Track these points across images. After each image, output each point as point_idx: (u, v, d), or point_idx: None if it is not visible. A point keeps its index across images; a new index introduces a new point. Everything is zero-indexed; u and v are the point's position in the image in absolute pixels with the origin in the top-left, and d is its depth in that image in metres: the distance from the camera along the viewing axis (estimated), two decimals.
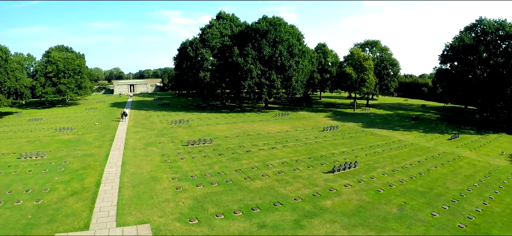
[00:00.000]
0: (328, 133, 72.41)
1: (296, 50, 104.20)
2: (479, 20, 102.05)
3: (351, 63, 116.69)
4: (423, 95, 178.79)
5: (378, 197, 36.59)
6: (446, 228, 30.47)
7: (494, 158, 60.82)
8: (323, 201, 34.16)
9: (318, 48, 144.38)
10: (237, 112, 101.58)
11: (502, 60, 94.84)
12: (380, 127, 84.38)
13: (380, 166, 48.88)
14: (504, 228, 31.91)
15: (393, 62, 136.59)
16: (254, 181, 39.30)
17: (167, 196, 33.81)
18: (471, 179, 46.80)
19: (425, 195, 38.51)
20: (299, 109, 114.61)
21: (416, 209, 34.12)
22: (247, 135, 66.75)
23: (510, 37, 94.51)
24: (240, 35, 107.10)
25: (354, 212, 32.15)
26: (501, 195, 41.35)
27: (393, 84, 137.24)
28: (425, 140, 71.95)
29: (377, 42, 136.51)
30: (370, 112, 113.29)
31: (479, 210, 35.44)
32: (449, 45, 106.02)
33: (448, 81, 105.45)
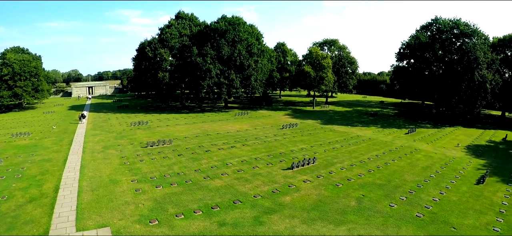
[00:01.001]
0: (287, 130, 73.17)
1: (255, 49, 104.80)
2: (435, 19, 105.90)
3: (310, 61, 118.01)
4: (381, 92, 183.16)
5: (337, 191, 37.36)
6: (404, 218, 31.53)
7: (450, 150, 63.17)
8: (283, 197, 34.64)
9: (277, 47, 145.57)
10: (197, 112, 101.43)
11: (457, 57, 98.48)
12: (339, 123, 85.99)
13: (338, 161, 49.92)
14: (460, 215, 33.36)
15: (351, 60, 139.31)
16: (213, 180, 39.45)
17: (126, 198, 33.53)
18: (428, 170, 48.53)
19: (383, 188, 39.58)
20: (259, 108, 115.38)
21: (375, 201, 35.12)
22: (207, 135, 66.74)
23: (464, 35, 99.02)
24: (199, 35, 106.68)
25: (313, 207, 32.75)
26: (457, 184, 43.10)
27: (352, 81, 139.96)
28: (383, 135, 73.85)
29: (335, 41, 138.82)
30: (329, 109, 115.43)
31: (436, 200, 36.84)
32: (405, 43, 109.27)
33: (405, 78, 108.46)
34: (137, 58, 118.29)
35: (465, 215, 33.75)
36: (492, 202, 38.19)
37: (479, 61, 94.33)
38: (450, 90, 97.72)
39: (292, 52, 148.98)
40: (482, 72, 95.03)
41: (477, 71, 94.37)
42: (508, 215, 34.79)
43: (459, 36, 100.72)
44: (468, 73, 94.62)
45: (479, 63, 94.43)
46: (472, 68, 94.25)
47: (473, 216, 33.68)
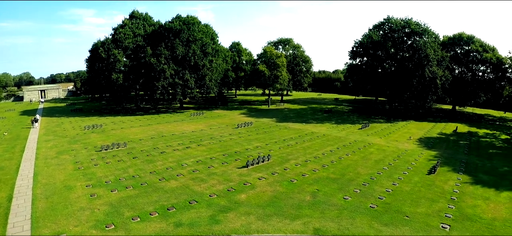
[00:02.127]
0: (242, 129, 73.67)
1: (210, 49, 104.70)
2: (387, 19, 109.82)
3: (264, 61, 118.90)
4: (336, 89, 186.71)
5: (292, 187, 38.06)
6: (358, 210, 32.53)
7: (403, 143, 65.48)
8: (238, 195, 34.99)
9: (232, 46, 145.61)
10: (152, 114, 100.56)
11: (408, 55, 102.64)
12: (293, 121, 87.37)
13: (293, 157, 50.80)
14: (413, 204, 34.73)
15: (306, 59, 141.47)
16: (169, 181, 39.33)
17: (82, 204, 32.93)
18: (381, 163, 50.13)
19: (337, 181, 40.56)
20: (214, 107, 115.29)
21: (329, 195, 35.95)
22: (162, 136, 66.29)
23: (415, 34, 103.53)
24: (154, 35, 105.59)
25: (269, 203, 33.22)
26: (409, 175, 44.80)
27: (306, 79, 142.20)
28: (337, 130, 75.49)
29: (290, 40, 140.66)
30: (285, 108, 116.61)
31: (389, 191, 38.17)
32: (358, 42, 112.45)
33: (359, 75, 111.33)
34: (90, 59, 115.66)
35: (418, 204, 35.13)
36: (443, 191, 39.91)
37: (430, 59, 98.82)
38: (402, 86, 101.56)
39: (247, 52, 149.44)
40: (432, 68, 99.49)
41: (427, 67, 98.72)
42: (459, 202, 36.57)
43: (411, 34, 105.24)
44: (419, 70, 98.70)
45: (430, 60, 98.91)
46: (423, 65, 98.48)
47: (426, 204, 35.10)
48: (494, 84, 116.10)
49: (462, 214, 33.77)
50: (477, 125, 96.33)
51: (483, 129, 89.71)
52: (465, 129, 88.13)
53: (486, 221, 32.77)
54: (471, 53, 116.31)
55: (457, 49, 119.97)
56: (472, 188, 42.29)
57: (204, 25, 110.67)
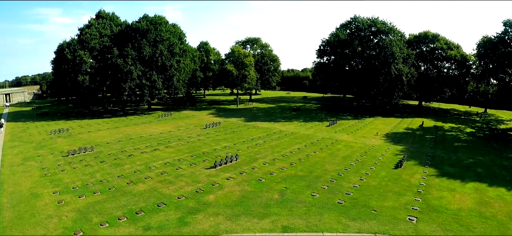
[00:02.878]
0: (210, 130, 73.46)
1: (177, 49, 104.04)
2: (354, 18, 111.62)
3: (232, 60, 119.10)
4: (305, 87, 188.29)
5: (260, 186, 38.29)
6: (326, 206, 33.00)
7: (370, 139, 66.74)
8: (206, 196, 34.98)
9: (200, 46, 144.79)
10: (120, 116, 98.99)
11: (375, 53, 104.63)
12: (262, 120, 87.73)
13: (261, 156, 51.15)
14: (380, 198, 35.54)
15: (274, 58, 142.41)
16: (137, 185, 39.00)
17: (49, 212, 32.32)
18: (348, 159, 50.96)
19: (305, 179, 41.01)
20: (182, 108, 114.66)
21: (297, 192, 36.35)
22: (130, 139, 65.59)
23: (381, 33, 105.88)
24: (120, 35, 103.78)
25: (237, 203, 33.42)
26: (376, 170, 45.73)
27: (275, 78, 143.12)
28: (305, 128, 76.29)
29: (258, 39, 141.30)
30: (253, 107, 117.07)
31: (356, 186, 38.90)
32: (325, 41, 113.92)
33: (326, 73, 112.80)
34: (56, 61, 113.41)
35: (385, 198, 35.92)
36: (410, 184, 40.92)
37: (396, 56, 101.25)
38: (369, 83, 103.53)
39: (215, 51, 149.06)
40: (398, 66, 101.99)
41: (393, 65, 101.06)
42: (425, 194, 37.59)
43: (377, 33, 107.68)
44: (385, 67, 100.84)
45: (396, 58, 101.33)
46: (389, 62, 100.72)
47: (393, 198, 35.94)
48: (458, 80, 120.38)
49: (429, 206, 34.72)
50: (443, 119, 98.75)
51: (449, 123, 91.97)
52: (431, 123, 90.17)
53: (452, 212, 33.82)
54: (436, 50, 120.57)
55: (423, 47, 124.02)
56: (438, 180, 43.51)
57: (171, 25, 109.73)
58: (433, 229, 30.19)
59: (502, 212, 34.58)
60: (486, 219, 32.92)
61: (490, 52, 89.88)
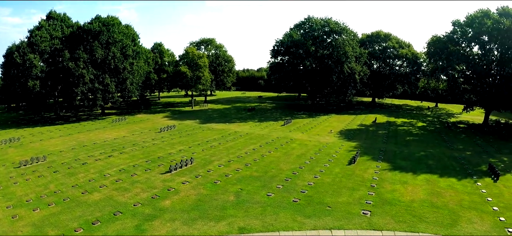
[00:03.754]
0: (165, 133, 72.84)
1: (130, 51, 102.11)
2: (308, 18, 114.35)
3: (186, 61, 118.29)
4: (260, 87, 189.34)
5: (216, 188, 38.53)
6: (281, 205, 33.64)
7: (324, 137, 68.08)
8: (162, 202, 34.88)
9: (154, 47, 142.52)
10: (72, 122, 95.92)
11: (328, 52, 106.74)
12: (217, 121, 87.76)
13: (216, 159, 51.33)
14: (334, 194, 36.52)
15: (228, 59, 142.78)
16: (92, 194, 38.19)
17: (3, 227, 31.25)
18: (303, 157, 51.99)
19: (260, 179, 41.54)
20: (137, 112, 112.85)
21: (252, 193, 36.84)
22: (83, 146, 63.83)
23: (334, 33, 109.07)
24: (72, 37, 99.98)
25: (193, 207, 33.45)
26: (330, 167, 46.86)
27: (229, 79, 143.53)
28: (260, 128, 76.97)
29: (212, 40, 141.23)
30: (208, 108, 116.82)
31: (311, 184, 39.73)
32: (279, 41, 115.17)
33: (281, 73, 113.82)
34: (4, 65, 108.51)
35: (339, 194, 36.91)
36: (363, 179, 42.23)
37: (348, 55, 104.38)
38: (322, 82, 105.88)
39: (170, 52, 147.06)
40: (351, 64, 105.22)
41: (346, 64, 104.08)
42: (378, 188, 38.93)
43: (330, 33, 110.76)
44: (338, 66, 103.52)
45: (348, 57, 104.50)
46: (342, 61, 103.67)
47: (347, 194, 37.01)
48: (410, 77, 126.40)
49: (382, 199, 35.94)
50: (395, 115, 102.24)
51: (401, 118, 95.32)
52: (384, 119, 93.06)
53: (405, 204, 35.19)
54: (388, 49, 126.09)
55: (376, 46, 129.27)
56: (391, 174, 45.08)
57: (124, 26, 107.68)
58: (386, 221, 31.30)
59: (453, 201, 36.42)
60: (438, 208, 34.49)
61: (439, 51, 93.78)
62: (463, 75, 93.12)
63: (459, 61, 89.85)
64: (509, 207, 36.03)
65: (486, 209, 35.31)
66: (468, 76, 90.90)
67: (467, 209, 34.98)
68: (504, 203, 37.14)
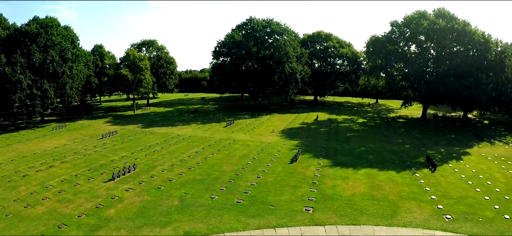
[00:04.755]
0: (107, 140, 71.25)
1: (69, 54, 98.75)
2: (249, 19, 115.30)
3: (127, 64, 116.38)
4: (203, 88, 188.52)
5: (160, 194, 38.60)
6: (225, 207, 34.30)
7: (266, 136, 69.34)
8: (107, 211, 34.55)
9: (94, 50, 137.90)
10: (11, 132, 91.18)
11: (269, 53, 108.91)
12: (159, 125, 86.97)
13: (159, 163, 51.17)
14: (277, 193, 37.57)
15: (170, 60, 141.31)
16: (35, 207, 37.00)
17: None
18: (246, 158, 52.85)
19: (204, 182, 42.00)
20: (78, 118, 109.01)
21: (196, 197, 37.20)
22: (23, 157, 61.28)
23: (275, 33, 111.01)
24: (8, 40, 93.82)
25: (138, 214, 33.42)
26: (272, 166, 48.02)
27: (172, 81, 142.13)
28: (202, 131, 77.06)
29: (154, 41, 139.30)
30: (151, 112, 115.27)
31: (254, 184, 40.63)
32: (221, 42, 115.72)
33: (223, 74, 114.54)
34: None
35: (282, 192, 37.96)
36: (305, 177, 43.55)
37: (289, 56, 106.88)
38: (264, 82, 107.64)
39: (110, 55, 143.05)
40: (292, 64, 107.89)
41: (287, 64, 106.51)
42: (320, 185, 40.26)
43: (271, 34, 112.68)
44: (280, 66, 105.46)
45: (289, 57, 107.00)
46: (283, 62, 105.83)
47: (289, 192, 38.11)
48: (351, 75, 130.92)
49: (324, 195, 37.27)
50: (337, 112, 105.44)
51: (342, 115, 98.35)
52: (325, 117, 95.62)
53: (346, 198, 36.69)
54: (329, 49, 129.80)
55: (317, 46, 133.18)
56: (332, 170, 46.73)
57: (63, 28, 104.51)
58: (328, 216, 32.61)
59: (392, 193, 38.43)
60: (378, 201, 36.25)
61: (378, 50, 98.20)
62: (401, 72, 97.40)
63: (397, 60, 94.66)
64: (446, 195, 38.51)
65: (424, 198, 37.55)
66: (406, 73, 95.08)
67: (406, 199, 36.99)
68: (441, 191, 39.67)
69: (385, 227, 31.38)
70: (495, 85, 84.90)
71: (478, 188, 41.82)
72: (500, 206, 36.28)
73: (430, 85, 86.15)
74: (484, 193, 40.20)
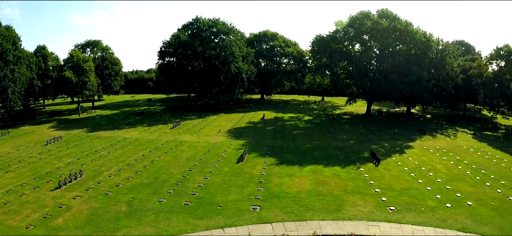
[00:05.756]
0: (52, 146, 68.74)
1: (11, 56, 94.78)
2: (196, 19, 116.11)
3: (71, 66, 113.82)
4: (150, 89, 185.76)
5: (107, 200, 38.11)
6: (173, 210, 34.55)
7: (213, 137, 69.65)
8: (55, 221, 33.87)
9: (37, 51, 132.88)
10: None
11: (215, 53, 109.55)
12: (105, 128, 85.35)
13: (106, 169, 50.31)
14: (224, 193, 38.28)
15: (115, 61, 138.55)
16: None
17: None
18: (192, 160, 53.05)
19: (151, 186, 42.04)
20: (21, 124, 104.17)
21: (144, 201, 37.15)
22: None
23: (221, 33, 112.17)
24: None
25: (87, 222, 33.01)
26: (219, 167, 48.65)
27: (117, 83, 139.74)
28: (149, 133, 76.32)
29: (98, 42, 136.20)
30: (96, 115, 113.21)
31: (201, 185, 41.08)
32: (167, 42, 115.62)
33: (169, 74, 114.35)
34: None
35: (229, 192, 38.67)
36: (252, 175, 44.50)
37: (235, 55, 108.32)
38: (211, 82, 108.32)
39: (54, 56, 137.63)
40: (238, 64, 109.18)
41: (233, 63, 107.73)
42: (266, 183, 41.31)
43: (218, 34, 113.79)
44: (225, 66, 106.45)
45: (235, 56, 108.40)
46: (229, 61, 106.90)
47: (236, 191, 38.86)
48: (296, 74, 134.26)
49: (270, 193, 38.26)
50: (283, 110, 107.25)
51: (289, 113, 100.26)
52: (272, 115, 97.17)
53: (292, 195, 37.80)
54: (275, 48, 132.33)
55: (263, 45, 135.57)
56: (278, 168, 47.89)
57: (4, 28, 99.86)
58: (275, 214, 33.61)
59: (338, 188, 39.90)
60: (324, 196, 37.53)
61: (323, 49, 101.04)
62: (346, 70, 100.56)
63: (342, 58, 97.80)
64: (390, 188, 40.43)
65: (368, 192, 39.33)
66: (350, 71, 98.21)
67: (351, 193, 38.59)
68: (385, 184, 41.64)
69: (331, 222, 32.67)
70: (436, 81, 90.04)
71: (421, 180, 44.25)
72: (441, 196, 38.66)
73: (374, 82, 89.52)
74: (426, 184, 42.65)
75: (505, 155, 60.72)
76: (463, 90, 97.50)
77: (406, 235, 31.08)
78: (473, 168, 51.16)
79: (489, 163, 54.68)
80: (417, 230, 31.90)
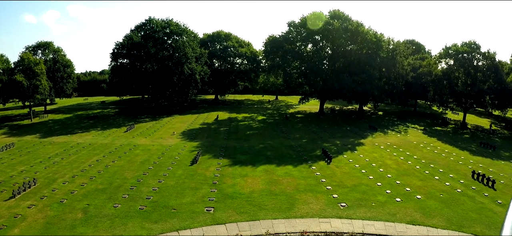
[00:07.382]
0: (4, 153, 66.30)
1: None
2: (149, 19, 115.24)
3: (22, 69, 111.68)
4: (103, 91, 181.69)
5: (63, 207, 37.76)
6: (128, 215, 34.82)
7: (167, 139, 69.83)
8: (10, 231, 33.23)
9: None
10: None
11: (168, 54, 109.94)
12: (58, 133, 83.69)
13: (60, 176, 49.51)
14: (179, 196, 38.82)
15: (67, 63, 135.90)
16: None
17: None
18: (146, 163, 53.22)
19: (106, 191, 41.96)
20: None
21: (99, 207, 37.14)
22: None
23: (174, 34, 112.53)
24: None
25: (42, 231, 32.71)
26: (173, 170, 49.12)
27: (69, 85, 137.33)
28: (103, 137, 75.64)
29: (50, 43, 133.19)
30: (49, 119, 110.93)
31: (156, 189, 41.47)
32: (119, 43, 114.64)
33: (122, 76, 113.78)
34: None
35: (183, 195, 39.20)
36: (205, 177, 45.20)
37: (188, 56, 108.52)
38: (164, 84, 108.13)
39: (4, 58, 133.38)
40: (191, 65, 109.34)
41: (186, 65, 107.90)
42: (220, 184, 42.14)
43: (171, 35, 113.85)
44: (179, 67, 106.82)
45: (188, 58, 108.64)
46: (182, 62, 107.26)
47: (190, 194, 39.45)
48: (250, 74, 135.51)
49: (224, 195, 39.13)
50: (237, 110, 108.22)
51: (243, 114, 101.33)
52: (226, 116, 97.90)
53: (245, 195, 38.76)
54: (229, 48, 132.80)
55: (217, 45, 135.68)
56: (232, 169, 48.87)
57: None
58: (229, 214, 34.50)
59: (290, 186, 41.15)
60: (276, 195, 38.70)
61: (276, 49, 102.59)
62: (298, 70, 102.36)
63: (295, 58, 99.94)
64: (341, 185, 42.08)
65: (320, 189, 40.74)
66: (303, 71, 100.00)
67: (303, 192, 39.89)
68: (336, 181, 43.27)
69: (283, 220, 33.86)
70: (387, 80, 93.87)
71: (371, 176, 46.22)
72: (391, 191, 40.67)
73: (326, 82, 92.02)
74: (377, 180, 44.65)
75: (453, 149, 64.36)
76: (413, 88, 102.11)
77: (357, 230, 32.60)
78: (423, 163, 53.98)
79: (438, 158, 57.70)
80: (368, 225, 33.56)
